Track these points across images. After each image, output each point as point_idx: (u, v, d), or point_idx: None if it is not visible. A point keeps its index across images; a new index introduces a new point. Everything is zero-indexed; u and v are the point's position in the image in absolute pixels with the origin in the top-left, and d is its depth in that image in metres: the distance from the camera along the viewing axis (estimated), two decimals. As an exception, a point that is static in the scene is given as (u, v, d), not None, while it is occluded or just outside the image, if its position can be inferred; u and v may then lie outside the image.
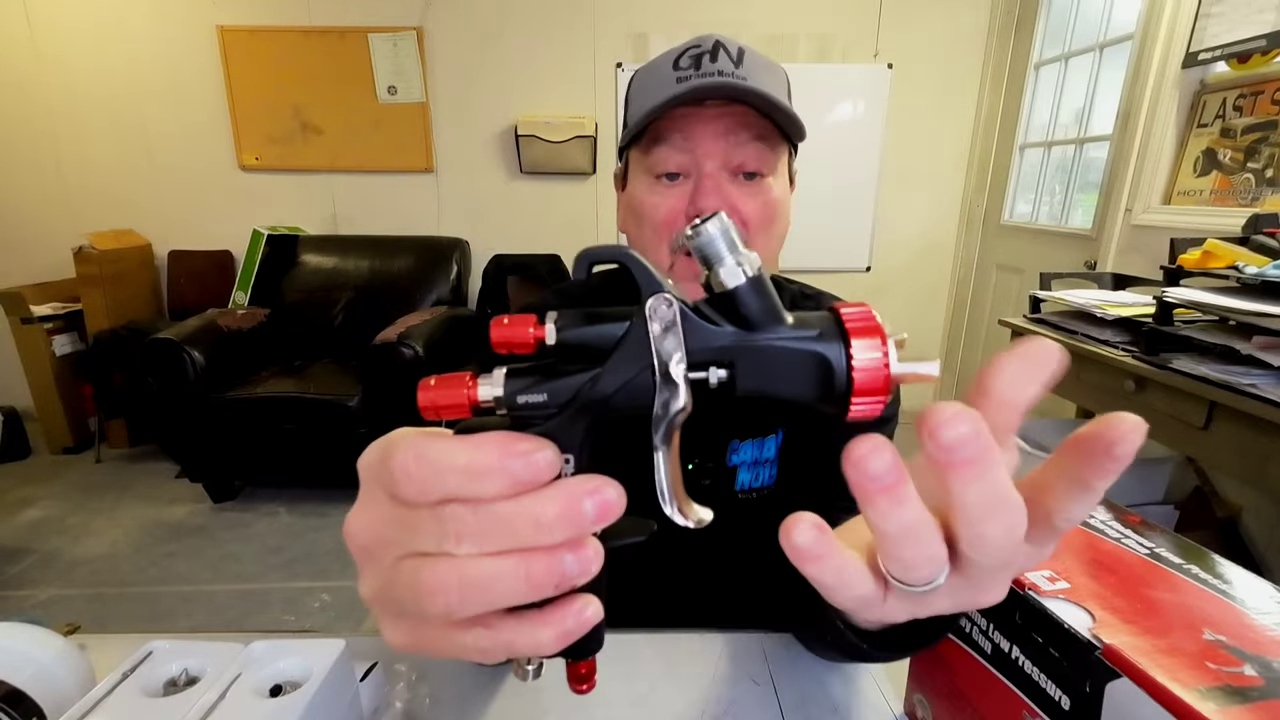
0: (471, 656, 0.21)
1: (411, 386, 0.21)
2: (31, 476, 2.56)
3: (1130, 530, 0.40)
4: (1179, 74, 1.88)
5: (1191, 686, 0.26)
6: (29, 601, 1.82)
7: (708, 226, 0.21)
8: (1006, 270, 2.78)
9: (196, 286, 2.88)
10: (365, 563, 0.22)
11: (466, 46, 2.79)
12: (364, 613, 1.77)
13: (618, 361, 0.20)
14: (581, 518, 0.19)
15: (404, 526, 0.20)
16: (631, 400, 0.21)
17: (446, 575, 0.19)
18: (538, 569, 0.19)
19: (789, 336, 0.21)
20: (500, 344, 0.21)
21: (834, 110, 2.77)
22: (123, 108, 2.83)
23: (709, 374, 0.21)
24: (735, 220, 0.54)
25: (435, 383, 0.21)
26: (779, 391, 0.21)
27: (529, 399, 0.20)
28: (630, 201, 0.59)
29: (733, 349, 0.21)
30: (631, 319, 0.21)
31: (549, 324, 0.21)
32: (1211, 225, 1.71)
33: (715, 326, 0.21)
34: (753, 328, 0.21)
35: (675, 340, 0.20)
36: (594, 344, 0.21)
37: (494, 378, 0.21)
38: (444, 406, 0.21)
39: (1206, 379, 1.16)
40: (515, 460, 0.19)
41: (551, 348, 0.21)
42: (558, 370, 0.21)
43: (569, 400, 0.20)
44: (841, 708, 0.47)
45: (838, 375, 0.20)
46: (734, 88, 0.51)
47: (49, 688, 0.39)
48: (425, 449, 0.19)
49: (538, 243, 2.95)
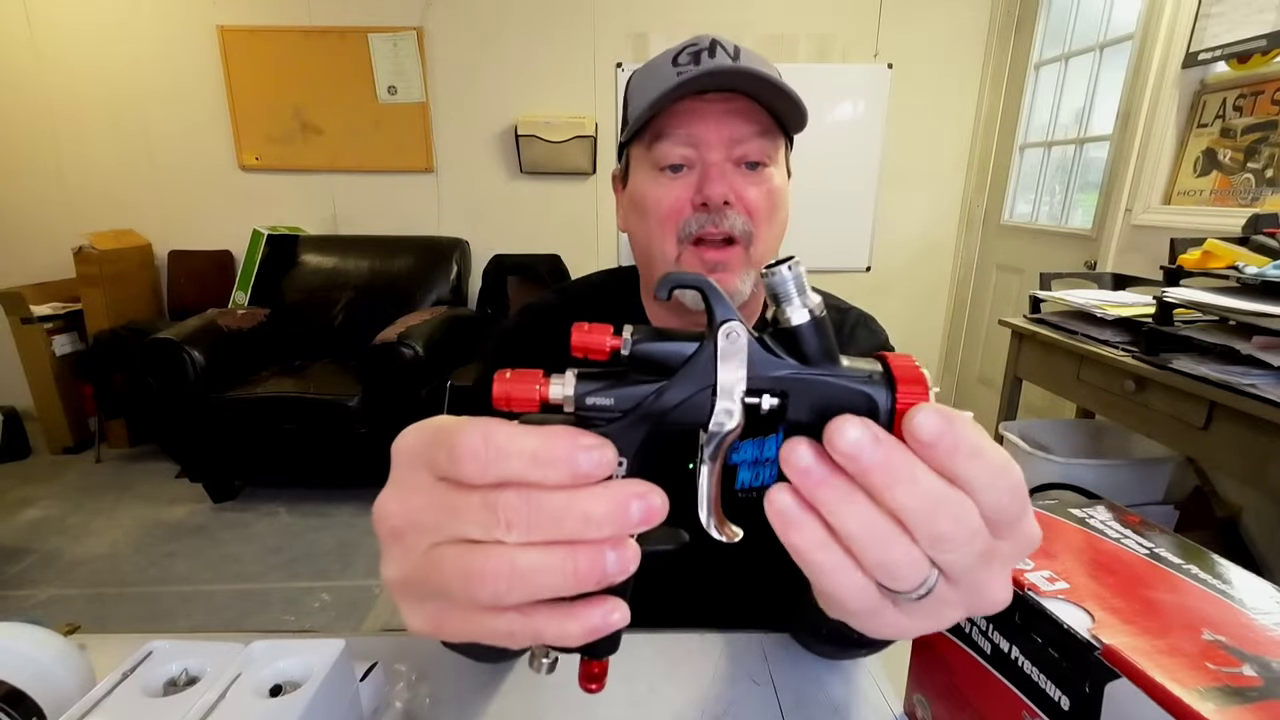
0: (499, 640, 0.21)
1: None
2: (31, 476, 2.56)
3: (1130, 530, 0.40)
4: (1179, 74, 1.88)
5: (1191, 687, 0.26)
6: (29, 601, 1.82)
7: (782, 269, 0.23)
8: (1006, 270, 2.78)
9: (196, 286, 2.88)
10: (394, 545, 0.22)
11: (466, 46, 2.79)
12: (364, 612, 1.77)
13: (683, 378, 0.22)
14: (627, 518, 0.20)
15: (447, 511, 0.21)
16: (690, 415, 0.22)
17: (499, 562, 0.20)
18: (584, 564, 0.20)
19: (843, 375, 0.22)
20: (579, 348, 0.22)
21: (834, 110, 2.77)
22: (123, 108, 2.83)
23: (762, 400, 0.23)
24: (741, 209, 0.55)
25: (511, 376, 0.22)
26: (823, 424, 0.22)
27: (596, 401, 0.22)
28: (633, 197, 0.59)
29: (789, 380, 0.23)
30: (703, 341, 0.22)
31: (625, 335, 0.22)
32: (1211, 225, 1.71)
33: (776, 358, 0.23)
34: (810, 363, 0.23)
35: (739, 366, 0.22)
36: (664, 359, 0.22)
37: (566, 379, 0.22)
38: (516, 399, 0.22)
39: (1206, 379, 1.16)
40: (580, 453, 0.20)
41: (624, 358, 0.22)
42: (626, 379, 0.22)
43: (632, 408, 0.22)
44: (841, 708, 0.47)
45: (881, 417, 0.22)
46: (738, 71, 0.51)
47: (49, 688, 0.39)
48: (494, 431, 0.20)
49: (538, 243, 2.95)
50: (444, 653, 0.51)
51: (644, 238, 0.59)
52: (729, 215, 0.54)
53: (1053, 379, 1.65)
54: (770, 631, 0.55)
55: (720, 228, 0.54)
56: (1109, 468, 1.60)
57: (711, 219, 0.54)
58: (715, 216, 0.54)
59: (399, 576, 0.22)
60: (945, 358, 3.24)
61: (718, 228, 0.54)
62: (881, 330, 0.69)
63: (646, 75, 0.57)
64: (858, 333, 0.68)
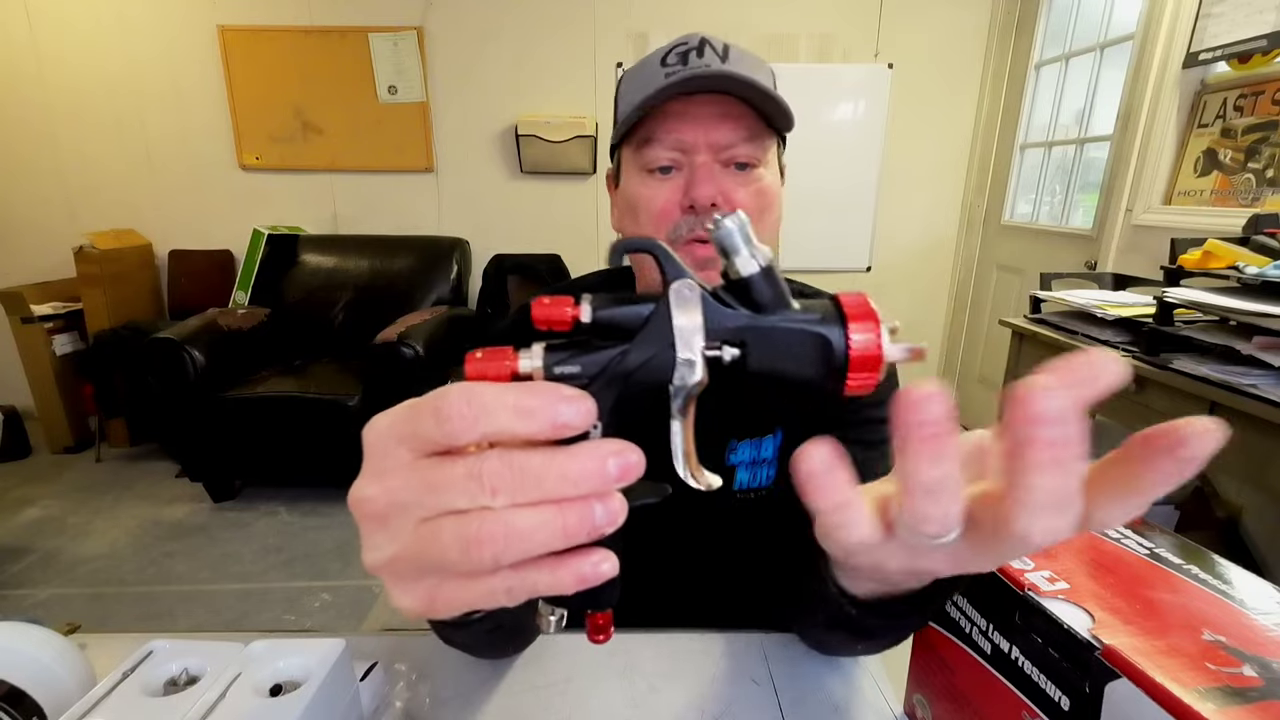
0: (496, 600, 0.22)
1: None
2: (32, 476, 2.56)
3: (1130, 530, 0.40)
4: (1179, 74, 1.88)
5: (1191, 687, 0.26)
6: (29, 601, 1.82)
7: (726, 221, 0.23)
8: (1007, 270, 2.78)
9: (197, 286, 2.88)
10: (377, 529, 0.22)
11: (467, 46, 2.79)
12: (364, 612, 1.77)
13: (644, 338, 0.23)
14: (606, 474, 0.21)
15: (431, 487, 0.21)
16: (655, 374, 0.23)
17: (495, 525, 0.20)
18: (572, 519, 0.21)
19: (795, 319, 0.23)
20: (541, 321, 0.23)
21: (834, 110, 2.77)
22: (123, 107, 2.83)
23: (723, 352, 0.23)
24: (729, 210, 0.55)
25: (481, 355, 0.23)
26: (784, 368, 0.23)
27: (564, 370, 0.22)
28: (625, 197, 0.60)
29: (745, 329, 0.23)
30: (658, 301, 0.23)
31: (584, 304, 0.23)
32: (1212, 225, 1.71)
33: (730, 310, 0.23)
34: (763, 312, 0.23)
35: (695, 321, 0.23)
36: (624, 323, 0.23)
37: (533, 351, 0.23)
38: (489, 376, 0.23)
39: (1207, 379, 1.16)
40: (561, 403, 0.21)
41: (586, 325, 0.23)
42: (590, 345, 0.23)
43: (599, 372, 0.23)
44: (841, 708, 0.47)
45: (836, 354, 0.23)
46: (723, 75, 0.52)
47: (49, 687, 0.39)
48: (476, 389, 0.21)
49: (538, 243, 2.95)
50: (445, 653, 0.50)
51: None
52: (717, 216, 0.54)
53: (1053, 379, 1.65)
54: (770, 631, 0.55)
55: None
56: (1109, 468, 1.60)
57: (700, 221, 0.54)
58: (704, 218, 0.54)
59: (387, 558, 0.22)
60: (946, 358, 3.24)
61: (706, 229, 0.54)
62: None
63: (636, 75, 0.57)
64: None
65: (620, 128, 0.57)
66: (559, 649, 0.52)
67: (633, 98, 0.55)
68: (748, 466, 0.62)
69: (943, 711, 0.42)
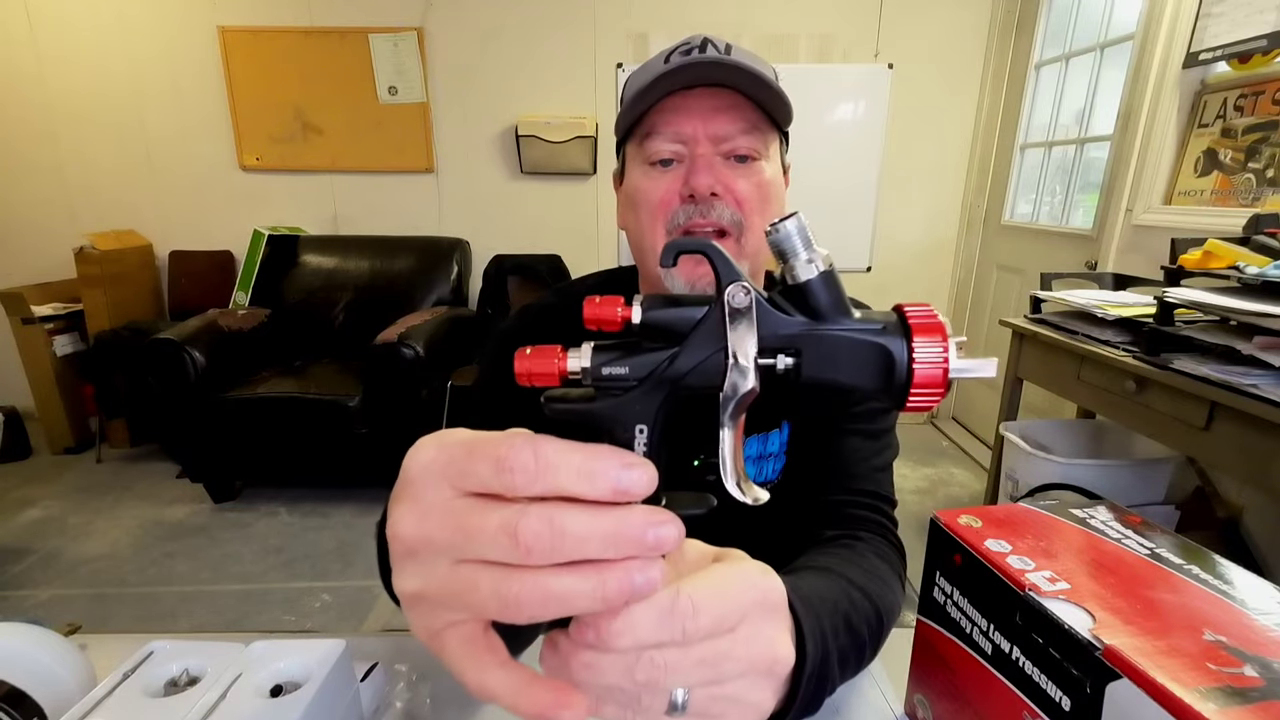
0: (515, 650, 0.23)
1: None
2: (32, 476, 2.56)
3: (1131, 531, 0.40)
4: (1180, 74, 1.88)
5: (1192, 687, 0.26)
6: (29, 601, 1.82)
7: (786, 224, 0.22)
8: (1007, 270, 2.78)
9: (197, 287, 2.88)
10: (408, 561, 0.22)
11: (467, 47, 2.79)
12: (364, 613, 1.77)
13: (695, 342, 0.22)
14: (643, 544, 0.20)
15: (468, 533, 0.21)
16: (704, 379, 0.22)
17: (534, 589, 0.20)
18: (612, 587, 0.20)
19: (855, 328, 0.22)
20: (592, 320, 0.23)
21: (834, 110, 2.77)
22: (123, 108, 2.83)
23: (777, 360, 0.22)
24: (730, 200, 0.55)
25: (530, 353, 0.22)
26: (841, 379, 0.22)
27: (612, 371, 0.22)
28: (628, 191, 0.60)
29: (801, 337, 0.22)
30: (710, 304, 0.22)
31: (635, 305, 0.23)
32: (1212, 225, 1.71)
33: (786, 316, 0.22)
34: (821, 319, 0.22)
35: (749, 326, 0.22)
36: (674, 325, 0.22)
37: (582, 351, 0.22)
38: (536, 374, 0.22)
39: (1207, 379, 1.16)
40: (624, 470, 0.20)
41: (636, 327, 0.23)
42: (639, 347, 0.22)
43: (647, 375, 0.22)
44: (842, 708, 0.47)
45: (899, 368, 0.21)
46: (720, 63, 0.52)
47: (50, 688, 0.39)
48: (542, 444, 0.20)
49: (538, 243, 2.95)
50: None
51: (637, 231, 0.60)
52: (717, 206, 0.55)
53: (1053, 379, 1.65)
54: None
55: (708, 219, 0.55)
56: (1110, 468, 1.60)
57: (700, 210, 0.55)
58: (703, 208, 0.55)
59: (416, 591, 0.22)
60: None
61: (705, 219, 0.55)
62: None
63: (640, 74, 0.58)
64: None
65: (623, 121, 0.58)
66: (559, 649, 0.52)
67: (635, 94, 0.56)
68: (754, 461, 0.62)
69: (944, 711, 0.42)
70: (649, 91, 0.54)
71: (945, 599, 0.41)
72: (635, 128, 0.58)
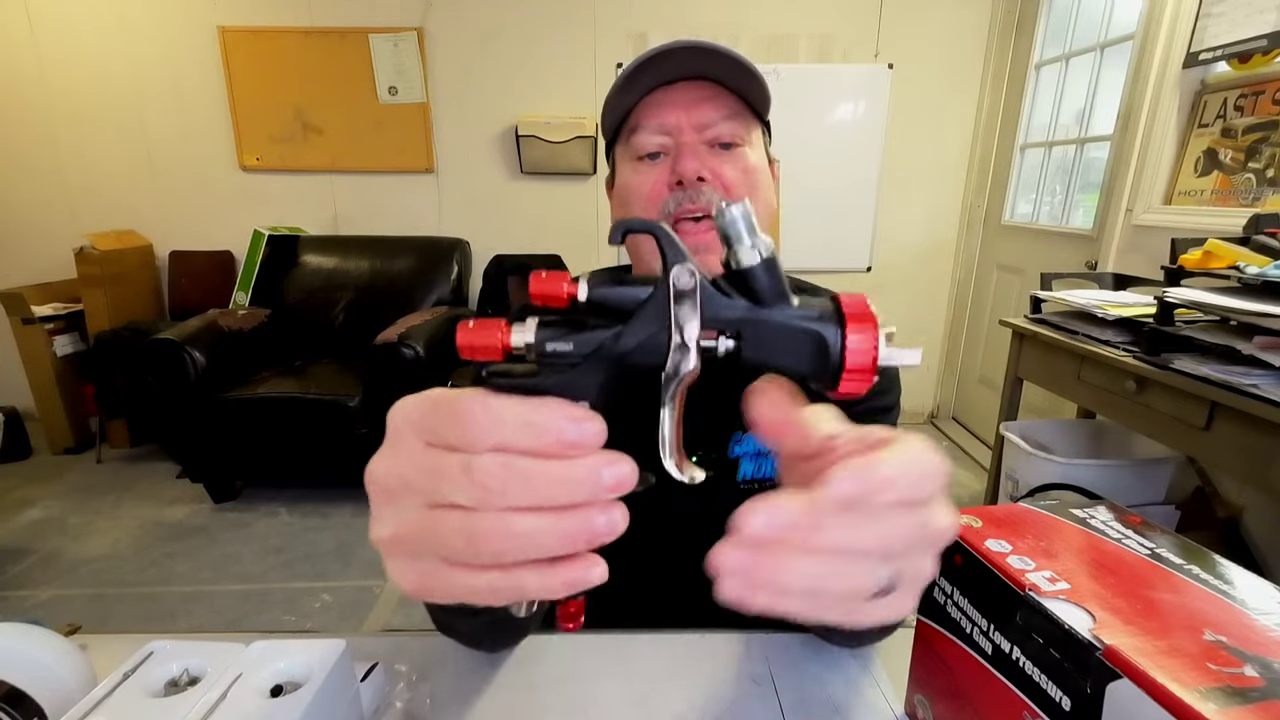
0: (482, 598, 0.22)
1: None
2: (32, 477, 2.56)
3: (1131, 531, 0.40)
4: (1180, 74, 1.88)
5: (1192, 687, 0.26)
6: (30, 601, 1.82)
7: (731, 209, 0.23)
8: (1007, 270, 2.78)
9: (197, 287, 2.88)
10: (385, 505, 0.23)
11: (467, 47, 2.79)
12: (365, 613, 1.77)
13: (639, 321, 0.22)
14: (598, 483, 0.21)
15: (434, 475, 0.22)
16: (647, 358, 0.23)
17: (496, 525, 0.21)
18: (572, 525, 0.21)
19: (793, 315, 0.23)
20: (538, 296, 0.23)
21: (834, 110, 2.77)
22: (124, 108, 2.83)
23: (718, 343, 0.23)
24: (718, 185, 0.56)
25: (473, 325, 0.23)
26: (778, 363, 0.23)
27: (556, 347, 0.22)
28: (619, 189, 0.62)
29: (742, 321, 0.23)
30: (656, 284, 0.23)
31: (582, 282, 0.23)
32: (1212, 225, 1.71)
33: (729, 299, 0.23)
34: (762, 304, 0.23)
35: (692, 308, 0.22)
36: (620, 304, 0.23)
37: (527, 326, 0.22)
38: (479, 347, 0.22)
39: (1208, 379, 1.16)
40: (568, 423, 0.21)
41: (582, 304, 0.23)
42: (584, 324, 0.23)
43: (591, 352, 0.22)
44: (842, 708, 0.47)
45: (832, 354, 0.22)
46: (699, 48, 0.54)
47: (50, 688, 0.39)
48: (490, 399, 0.21)
49: (538, 243, 2.95)
50: (445, 653, 0.51)
51: None
52: (705, 191, 0.55)
53: (1053, 379, 1.65)
54: (770, 631, 0.55)
55: (698, 203, 0.55)
56: (1110, 468, 1.60)
57: (689, 195, 0.55)
58: (692, 193, 0.55)
59: (391, 534, 0.23)
60: (946, 358, 3.24)
61: (695, 203, 0.56)
62: None
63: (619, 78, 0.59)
64: None
65: (608, 119, 0.60)
66: (559, 649, 0.52)
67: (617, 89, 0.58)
68: (752, 458, 0.63)
69: (944, 712, 0.42)
70: (631, 84, 0.55)
71: (945, 599, 0.41)
72: (621, 127, 0.59)
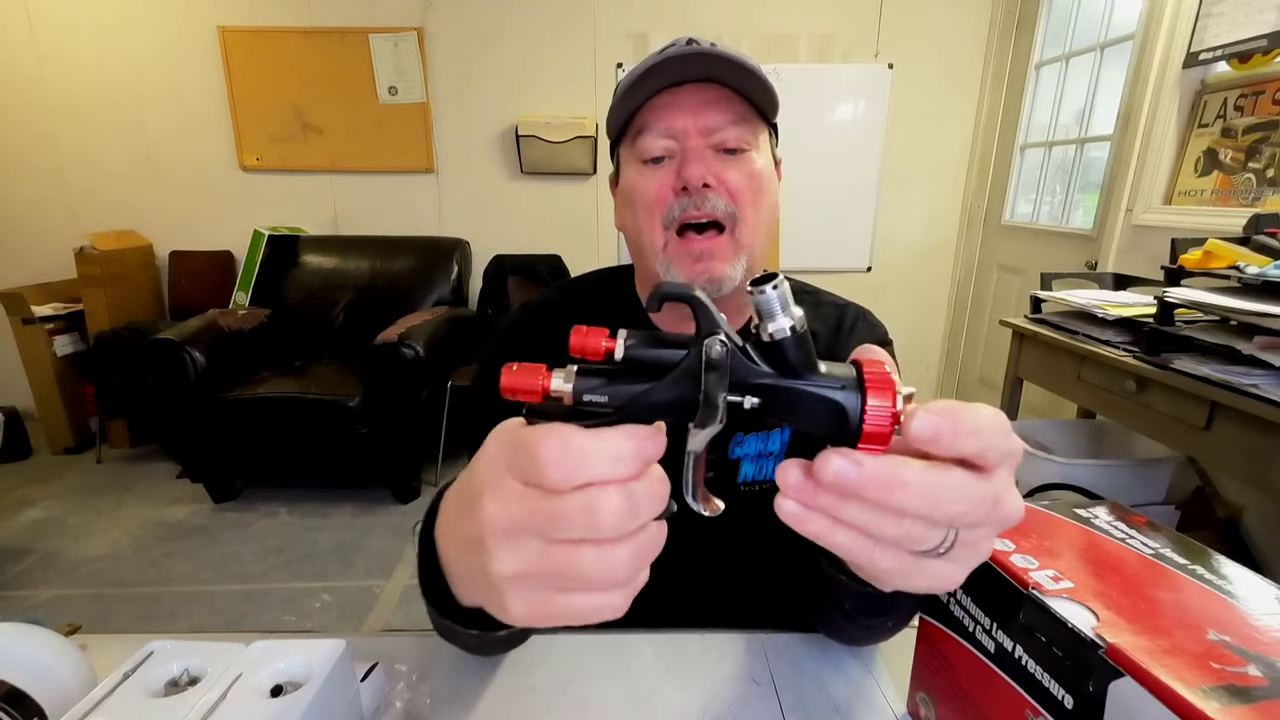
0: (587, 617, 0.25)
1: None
2: (32, 477, 2.56)
3: (1134, 530, 0.40)
4: (1180, 74, 1.88)
5: (1195, 686, 0.26)
6: (30, 601, 1.82)
7: (767, 289, 0.24)
8: (1007, 270, 2.78)
9: (197, 287, 2.88)
10: (502, 545, 0.25)
11: (467, 47, 2.79)
12: (365, 613, 1.77)
13: (671, 382, 0.24)
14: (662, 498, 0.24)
15: (546, 518, 0.24)
16: (677, 414, 0.25)
17: (619, 554, 0.24)
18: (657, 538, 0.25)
19: (818, 384, 0.24)
20: (577, 349, 0.25)
21: (834, 110, 2.77)
22: (124, 108, 2.83)
23: (744, 400, 0.25)
24: (723, 192, 0.56)
25: (517, 369, 0.24)
26: (800, 425, 0.25)
27: (593, 398, 0.24)
28: (623, 190, 0.61)
29: (768, 388, 0.25)
30: (689, 349, 0.24)
31: (620, 340, 0.25)
32: (1212, 225, 1.71)
33: (757, 366, 0.25)
34: (789, 373, 0.25)
35: (722, 375, 0.24)
36: (654, 363, 0.24)
37: (567, 373, 0.24)
38: (520, 390, 0.24)
39: (1208, 379, 1.16)
40: (647, 443, 0.23)
41: (619, 363, 0.25)
42: (620, 378, 0.24)
43: (624, 404, 0.24)
44: (843, 707, 0.47)
45: (851, 420, 0.24)
46: (705, 54, 0.53)
47: (50, 688, 0.39)
48: (569, 437, 0.23)
49: (539, 243, 2.95)
50: (445, 653, 0.50)
51: (634, 229, 0.60)
52: (710, 197, 0.55)
53: (1054, 379, 1.65)
54: (770, 631, 0.55)
55: (702, 210, 0.55)
56: (1110, 468, 1.60)
57: (693, 201, 0.55)
58: (696, 199, 0.55)
59: (514, 572, 0.25)
60: (946, 358, 3.24)
61: (699, 210, 0.55)
62: (880, 324, 0.70)
63: (628, 76, 0.59)
64: (858, 327, 0.69)
65: (614, 120, 0.59)
66: (559, 649, 0.52)
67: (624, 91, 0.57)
68: (753, 459, 0.62)
69: (946, 710, 0.42)
70: (638, 86, 0.54)
71: (948, 597, 0.40)
72: (627, 128, 0.59)
